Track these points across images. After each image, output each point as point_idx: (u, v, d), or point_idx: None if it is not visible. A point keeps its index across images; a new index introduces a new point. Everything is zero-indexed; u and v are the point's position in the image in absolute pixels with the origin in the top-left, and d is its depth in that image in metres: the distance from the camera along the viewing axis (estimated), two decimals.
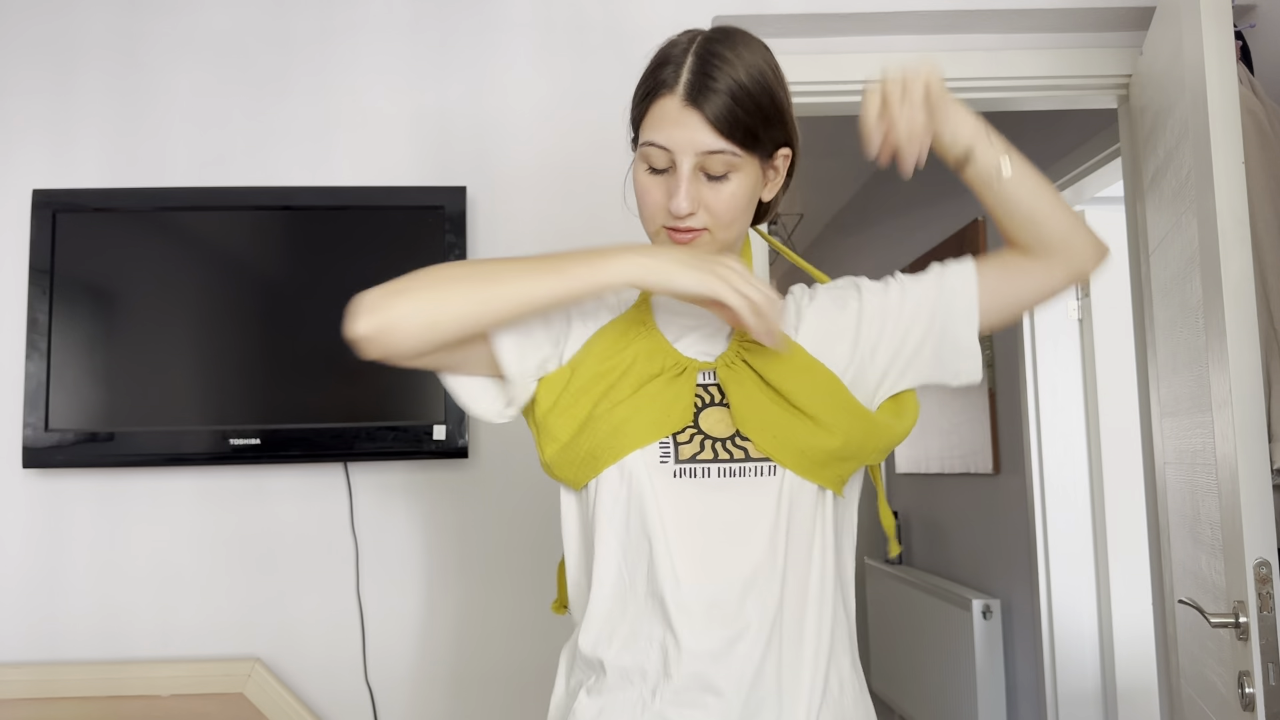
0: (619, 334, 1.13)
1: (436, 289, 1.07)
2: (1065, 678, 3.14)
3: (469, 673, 1.95)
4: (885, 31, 2.08)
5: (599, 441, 1.08)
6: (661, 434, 1.08)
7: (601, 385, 1.09)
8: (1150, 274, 2.01)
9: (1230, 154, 1.53)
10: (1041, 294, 1.14)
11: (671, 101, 1.04)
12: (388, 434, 1.90)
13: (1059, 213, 1.11)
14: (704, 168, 1.05)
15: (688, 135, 1.04)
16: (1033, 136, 3.17)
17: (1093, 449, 3.17)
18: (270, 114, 2.03)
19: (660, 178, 1.08)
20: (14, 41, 2.03)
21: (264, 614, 1.94)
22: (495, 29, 2.06)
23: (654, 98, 1.06)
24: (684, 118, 1.04)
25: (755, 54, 1.07)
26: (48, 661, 1.91)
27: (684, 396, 1.10)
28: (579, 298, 1.04)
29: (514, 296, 1.04)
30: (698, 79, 1.03)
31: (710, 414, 1.10)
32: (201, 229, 1.93)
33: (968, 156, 1.09)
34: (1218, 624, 1.50)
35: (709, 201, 1.07)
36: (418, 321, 1.06)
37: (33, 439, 1.87)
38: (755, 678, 1.04)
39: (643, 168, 1.09)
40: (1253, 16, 1.98)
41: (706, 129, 1.03)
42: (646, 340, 1.12)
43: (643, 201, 1.10)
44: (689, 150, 1.04)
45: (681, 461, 1.08)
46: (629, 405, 1.08)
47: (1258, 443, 1.48)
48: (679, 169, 1.05)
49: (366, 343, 1.07)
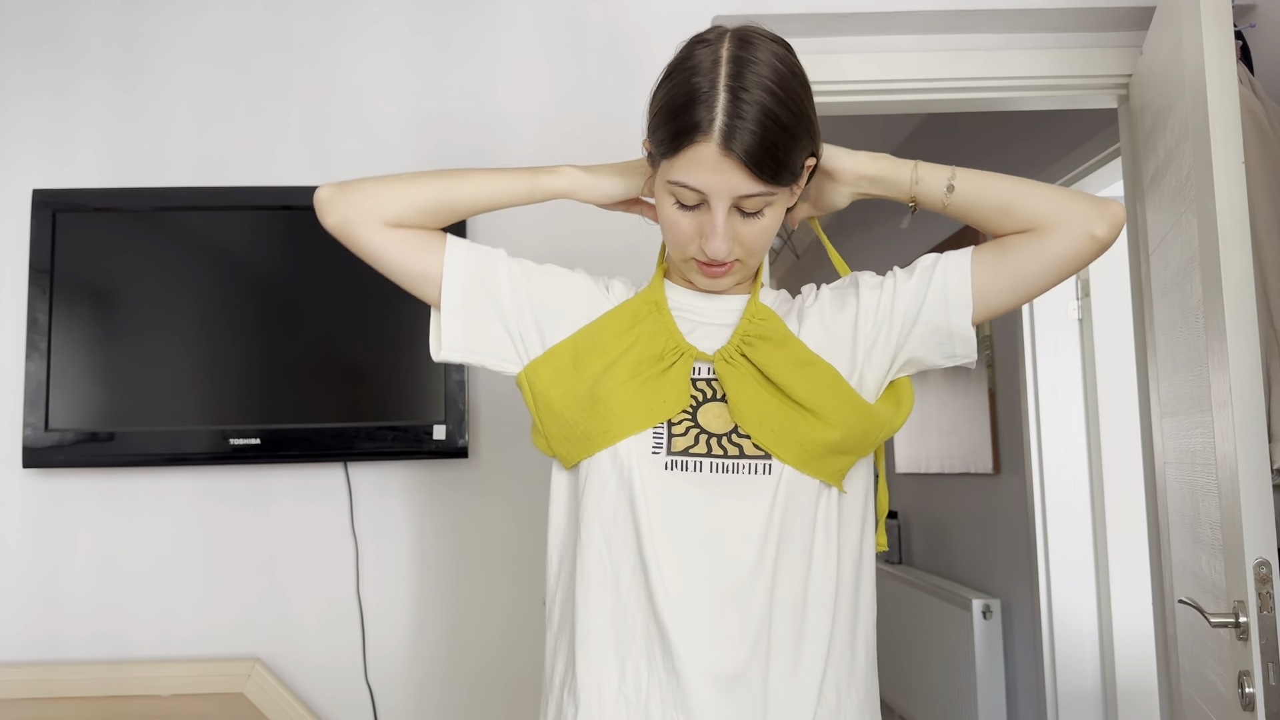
0: (631, 313, 1.13)
1: (399, 180, 1.17)
2: (1065, 678, 3.14)
3: (468, 672, 1.95)
4: (885, 31, 2.08)
5: (594, 423, 1.07)
6: (655, 420, 1.07)
7: (603, 361, 1.09)
8: (1150, 274, 2.00)
9: (1230, 154, 1.53)
10: (1047, 267, 1.11)
11: (707, 148, 1.00)
12: (388, 434, 1.90)
13: (1034, 195, 1.10)
14: (739, 206, 1.04)
15: (725, 182, 1.01)
16: (1033, 136, 3.17)
17: (1093, 449, 3.17)
18: (270, 114, 2.03)
19: (691, 213, 1.06)
20: (14, 41, 2.03)
21: (264, 614, 1.94)
22: (495, 29, 2.06)
23: (687, 142, 1.01)
24: (721, 165, 1.00)
25: (781, 66, 1.02)
26: (47, 661, 1.91)
27: (679, 384, 1.09)
28: (519, 202, 1.19)
29: (468, 192, 1.17)
30: (733, 122, 0.99)
31: (709, 409, 1.09)
32: (201, 229, 1.93)
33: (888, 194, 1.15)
34: (1218, 624, 1.50)
35: (743, 237, 1.06)
36: (379, 203, 1.14)
37: (33, 439, 1.87)
38: (739, 683, 1.03)
39: (670, 201, 1.06)
40: (1253, 16, 1.98)
41: (743, 174, 1.00)
42: (655, 320, 1.12)
43: (672, 233, 1.08)
44: (725, 195, 1.02)
45: (674, 454, 1.07)
46: (625, 389, 1.08)
47: (1258, 442, 1.48)
48: (713, 211, 1.03)
49: (335, 223, 1.15)
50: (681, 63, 1.04)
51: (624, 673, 1.05)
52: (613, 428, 1.07)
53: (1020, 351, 3.26)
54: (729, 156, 0.99)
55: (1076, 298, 3.21)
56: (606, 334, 1.12)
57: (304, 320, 1.92)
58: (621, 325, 1.12)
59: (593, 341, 1.12)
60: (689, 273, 1.13)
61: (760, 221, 1.05)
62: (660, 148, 1.05)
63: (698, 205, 1.04)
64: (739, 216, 1.04)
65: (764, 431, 1.07)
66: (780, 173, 1.01)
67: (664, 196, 1.07)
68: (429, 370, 1.91)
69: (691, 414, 1.09)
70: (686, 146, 1.01)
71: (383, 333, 1.92)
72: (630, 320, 1.13)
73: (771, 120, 0.99)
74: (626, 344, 1.10)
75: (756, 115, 0.99)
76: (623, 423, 1.07)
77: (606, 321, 1.13)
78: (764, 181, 1.01)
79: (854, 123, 4.15)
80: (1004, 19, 2.04)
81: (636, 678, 1.05)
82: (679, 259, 1.11)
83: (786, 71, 1.02)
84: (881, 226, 4.87)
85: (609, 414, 1.07)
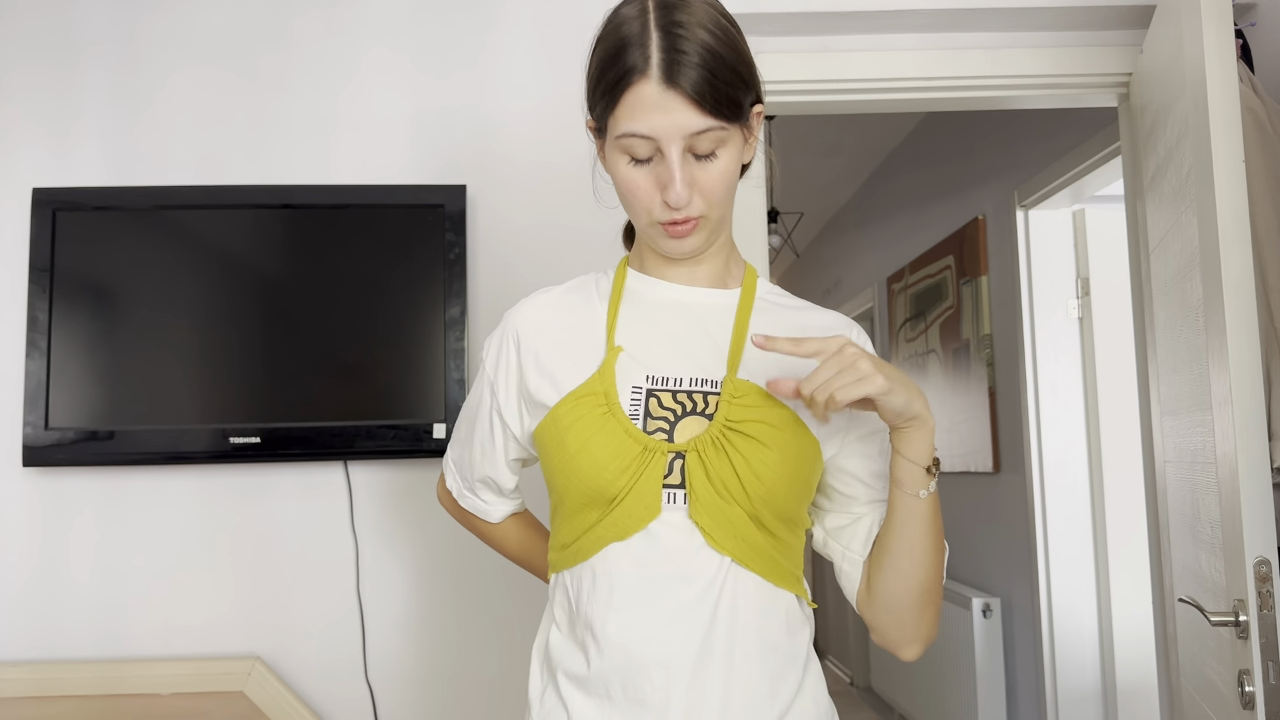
0: (583, 412, 1.07)
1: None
2: (1065, 676, 3.14)
3: (469, 671, 1.95)
4: (885, 30, 2.08)
5: (586, 542, 1.06)
6: (639, 529, 1.03)
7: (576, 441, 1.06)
8: (1150, 272, 2.00)
9: (1230, 152, 1.53)
10: (848, 594, 1.14)
11: (648, 86, 0.97)
12: (388, 433, 1.90)
13: (924, 595, 1.07)
14: (691, 149, 1.01)
15: (672, 119, 0.98)
16: (1033, 135, 3.17)
17: (1093, 448, 3.17)
18: (270, 112, 2.03)
19: (645, 168, 1.02)
20: (14, 40, 2.03)
21: (264, 612, 1.94)
22: (495, 27, 2.06)
23: (625, 85, 0.98)
24: (665, 101, 0.97)
25: (713, 10, 1.02)
26: (48, 660, 1.91)
27: (651, 491, 1.03)
28: None
29: None
30: (670, 55, 0.97)
31: (686, 425, 1.06)
32: (202, 227, 1.93)
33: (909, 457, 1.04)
34: (1218, 622, 1.50)
35: (702, 184, 1.02)
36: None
37: (33, 437, 1.87)
38: (685, 695, 1.01)
39: (623, 160, 1.03)
40: (1253, 15, 1.98)
41: (691, 109, 0.97)
42: (608, 420, 1.06)
43: (631, 196, 1.05)
44: (676, 135, 0.99)
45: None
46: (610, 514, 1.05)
47: (1258, 441, 1.48)
48: (668, 156, 1.00)
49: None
50: (607, 24, 1.03)
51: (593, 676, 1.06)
52: (604, 536, 1.06)
53: (1020, 350, 3.27)
54: (672, 89, 0.97)
55: (1076, 296, 3.21)
56: (570, 435, 1.07)
57: (304, 318, 1.92)
58: (579, 423, 1.06)
59: (559, 441, 1.08)
60: (657, 241, 1.09)
61: (716, 164, 1.02)
62: (600, 105, 1.02)
63: (650, 158, 1.02)
64: (694, 161, 1.01)
65: (728, 543, 1.04)
66: (726, 105, 0.99)
67: (615, 159, 1.03)
68: (429, 369, 1.91)
69: (669, 436, 1.06)
70: (626, 90, 0.98)
71: (383, 331, 1.92)
72: (584, 415, 1.06)
73: (709, 53, 0.97)
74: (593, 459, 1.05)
75: (695, 48, 0.97)
76: (611, 533, 1.05)
77: (563, 425, 1.08)
78: (711, 114, 0.98)
79: (854, 121, 4.16)
80: (1004, 17, 2.04)
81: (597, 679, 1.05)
82: (644, 226, 1.08)
83: (718, 15, 1.01)
84: (882, 225, 4.87)
85: (598, 536, 1.06)
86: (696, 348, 1.10)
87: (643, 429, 1.04)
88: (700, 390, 1.07)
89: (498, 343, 1.18)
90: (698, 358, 1.09)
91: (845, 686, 5.66)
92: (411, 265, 1.93)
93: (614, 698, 1.02)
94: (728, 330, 1.12)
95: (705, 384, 1.07)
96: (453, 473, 1.28)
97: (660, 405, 1.06)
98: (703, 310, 1.13)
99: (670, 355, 1.09)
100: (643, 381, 1.07)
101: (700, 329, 1.11)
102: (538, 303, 1.17)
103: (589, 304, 1.16)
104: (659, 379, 1.07)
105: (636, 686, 1.01)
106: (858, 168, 4.88)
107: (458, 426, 1.27)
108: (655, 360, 1.09)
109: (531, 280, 2.00)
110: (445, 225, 1.94)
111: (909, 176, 4.40)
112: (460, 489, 1.28)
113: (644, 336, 1.11)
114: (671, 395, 1.06)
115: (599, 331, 1.12)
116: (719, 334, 1.11)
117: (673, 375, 1.08)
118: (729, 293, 1.15)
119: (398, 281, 1.93)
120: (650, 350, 1.10)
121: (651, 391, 1.06)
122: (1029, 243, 3.24)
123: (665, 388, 1.07)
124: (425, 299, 1.93)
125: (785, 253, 6.32)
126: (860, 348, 0.98)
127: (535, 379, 1.12)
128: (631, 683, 1.01)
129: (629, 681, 1.01)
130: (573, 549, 1.07)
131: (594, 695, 1.03)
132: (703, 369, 1.08)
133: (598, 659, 1.03)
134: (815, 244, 6.34)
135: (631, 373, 1.08)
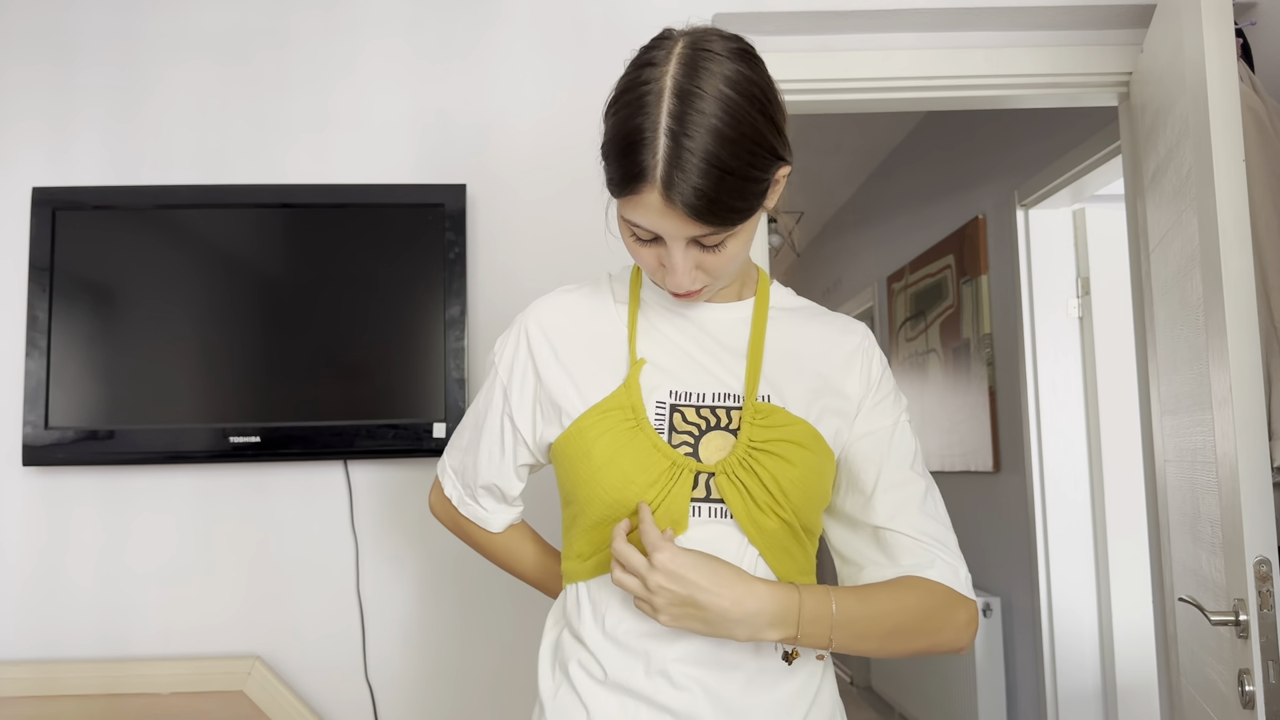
0: (611, 424, 1.08)
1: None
2: (1065, 676, 3.14)
3: (469, 670, 1.95)
4: (885, 29, 2.08)
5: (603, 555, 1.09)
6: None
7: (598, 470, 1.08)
8: (1150, 272, 2.00)
9: (1231, 151, 1.53)
10: None
11: (651, 196, 0.95)
12: (388, 432, 1.90)
13: (907, 649, 1.07)
14: (699, 241, 1.00)
15: (674, 227, 0.97)
16: (1033, 135, 3.17)
17: (1093, 447, 3.17)
18: (270, 111, 2.03)
19: (649, 245, 1.02)
20: (14, 38, 2.03)
21: (264, 612, 1.94)
22: (495, 26, 2.06)
23: (631, 189, 0.96)
24: (668, 212, 0.96)
25: (731, 93, 0.95)
26: (48, 659, 1.91)
27: (680, 501, 1.05)
28: None
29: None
30: (673, 174, 0.93)
31: (710, 441, 1.07)
32: (201, 226, 1.93)
33: None
34: (1218, 622, 1.50)
35: (708, 265, 1.02)
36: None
37: (33, 437, 1.87)
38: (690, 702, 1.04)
39: (628, 233, 1.03)
40: (1253, 14, 1.98)
41: (691, 223, 0.96)
42: (641, 433, 1.07)
43: (635, 257, 1.05)
44: (679, 236, 0.98)
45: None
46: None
47: (1258, 440, 1.48)
48: (670, 251, 1.00)
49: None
50: (627, 89, 0.99)
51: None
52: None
53: (1021, 349, 3.26)
54: (672, 206, 0.95)
55: (1077, 296, 3.21)
56: (596, 448, 1.08)
57: (304, 318, 1.92)
58: (605, 437, 1.07)
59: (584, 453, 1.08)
60: (663, 288, 1.10)
61: (724, 251, 1.01)
62: (610, 185, 1.01)
63: (655, 239, 1.01)
64: (699, 249, 1.00)
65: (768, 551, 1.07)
66: (729, 215, 0.97)
67: (623, 226, 1.03)
68: (429, 368, 1.91)
69: (694, 450, 1.07)
70: (631, 192, 0.97)
71: (383, 330, 1.92)
72: (610, 429, 1.07)
73: (716, 166, 0.93)
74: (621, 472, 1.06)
75: (698, 165, 0.93)
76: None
77: (588, 438, 1.09)
78: (713, 225, 0.97)
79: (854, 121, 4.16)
80: (1004, 17, 2.04)
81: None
82: (649, 277, 1.09)
83: (736, 98, 0.95)
84: (882, 225, 4.87)
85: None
86: (715, 362, 1.11)
87: (668, 443, 1.06)
88: (723, 405, 1.09)
89: (513, 345, 1.17)
90: (715, 372, 1.11)
91: (845, 686, 5.67)
92: (411, 265, 1.93)
93: (638, 695, 1.05)
94: (744, 343, 1.13)
95: (726, 399, 1.09)
96: (452, 480, 1.26)
97: (684, 420, 1.08)
98: (719, 325, 1.14)
99: (691, 369, 1.11)
100: (666, 396, 1.08)
101: (717, 343, 1.13)
102: (559, 304, 1.17)
103: (607, 310, 1.16)
104: (681, 394, 1.09)
105: (663, 684, 1.04)
106: (858, 167, 4.88)
107: (458, 433, 1.26)
108: (677, 374, 1.10)
109: (531, 279, 2.00)
110: (445, 225, 1.94)
111: (909, 176, 4.40)
112: (461, 496, 1.26)
113: (664, 349, 1.12)
114: (695, 410, 1.08)
115: (620, 340, 1.13)
116: (736, 347, 1.12)
117: (695, 390, 1.09)
118: (744, 304, 1.16)
119: (397, 281, 1.93)
120: (671, 363, 1.11)
121: (675, 406, 1.08)
122: (1029, 242, 3.24)
123: (688, 403, 1.09)
124: (425, 298, 1.93)
125: (785, 252, 6.32)
126: (662, 582, 0.97)
127: (557, 383, 1.12)
128: (657, 683, 1.05)
129: (655, 682, 1.05)
130: (595, 560, 1.09)
131: (617, 692, 1.06)
132: (722, 384, 1.10)
133: (625, 659, 1.05)
134: (815, 243, 6.34)
135: (656, 386, 1.09)
